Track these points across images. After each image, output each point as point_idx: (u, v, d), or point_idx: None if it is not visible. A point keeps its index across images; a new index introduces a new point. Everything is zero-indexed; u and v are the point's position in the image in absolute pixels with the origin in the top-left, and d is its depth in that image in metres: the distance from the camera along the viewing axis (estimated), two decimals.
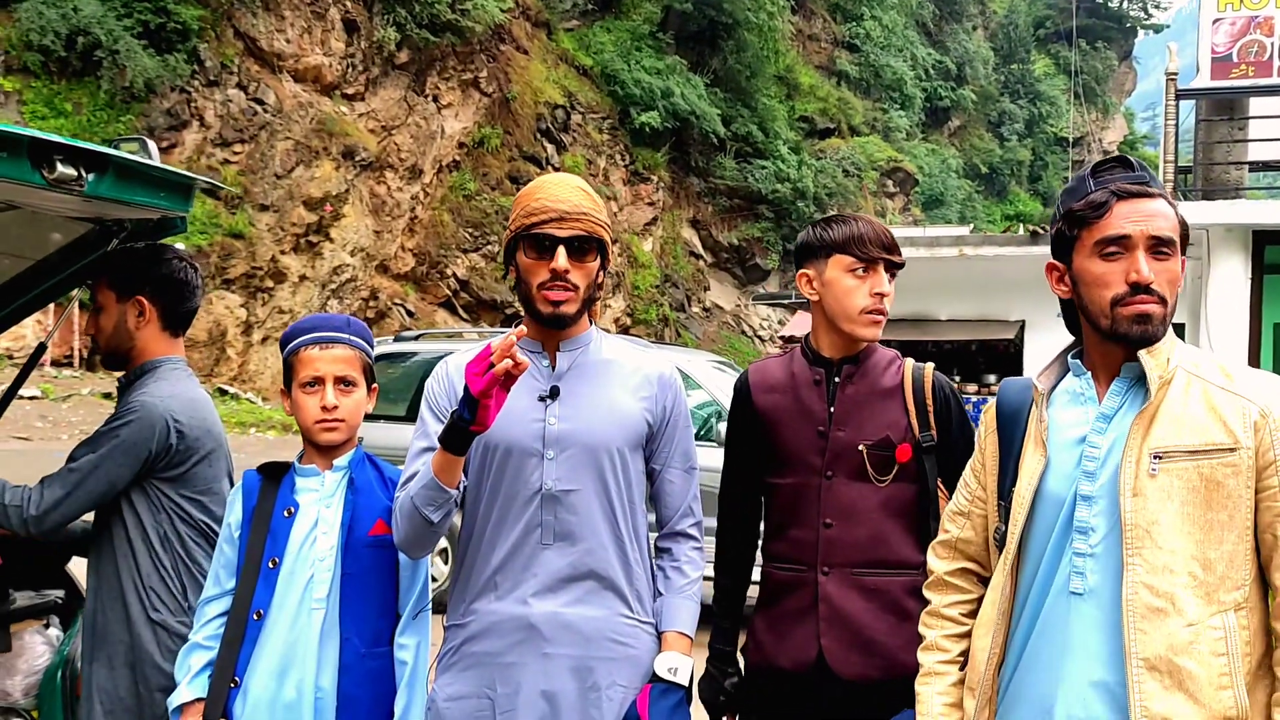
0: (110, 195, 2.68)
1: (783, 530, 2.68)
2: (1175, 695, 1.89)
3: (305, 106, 25.14)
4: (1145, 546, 1.94)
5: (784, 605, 2.65)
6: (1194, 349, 2.11)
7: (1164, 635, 1.91)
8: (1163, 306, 2.02)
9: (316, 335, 2.63)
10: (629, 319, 31.59)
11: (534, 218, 2.38)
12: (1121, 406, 2.06)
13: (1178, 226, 2.05)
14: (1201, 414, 1.97)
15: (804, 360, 2.72)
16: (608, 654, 2.40)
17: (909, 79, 47.32)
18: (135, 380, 2.96)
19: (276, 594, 2.54)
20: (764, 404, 2.71)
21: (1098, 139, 57.67)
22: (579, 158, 31.67)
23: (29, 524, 2.75)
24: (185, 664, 2.59)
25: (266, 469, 2.69)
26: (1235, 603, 1.93)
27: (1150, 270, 2.00)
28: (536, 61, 31.64)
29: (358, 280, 26.15)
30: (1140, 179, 2.05)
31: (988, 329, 21.01)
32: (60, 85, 22.01)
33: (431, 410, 2.49)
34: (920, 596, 2.47)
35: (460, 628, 2.45)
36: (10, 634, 3.14)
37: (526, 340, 2.50)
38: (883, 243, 2.63)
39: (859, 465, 2.60)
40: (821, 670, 2.58)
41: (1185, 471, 1.94)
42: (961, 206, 46.19)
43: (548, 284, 2.39)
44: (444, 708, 2.42)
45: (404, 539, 2.41)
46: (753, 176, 35.38)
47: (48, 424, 17.59)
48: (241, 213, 23.52)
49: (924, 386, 2.70)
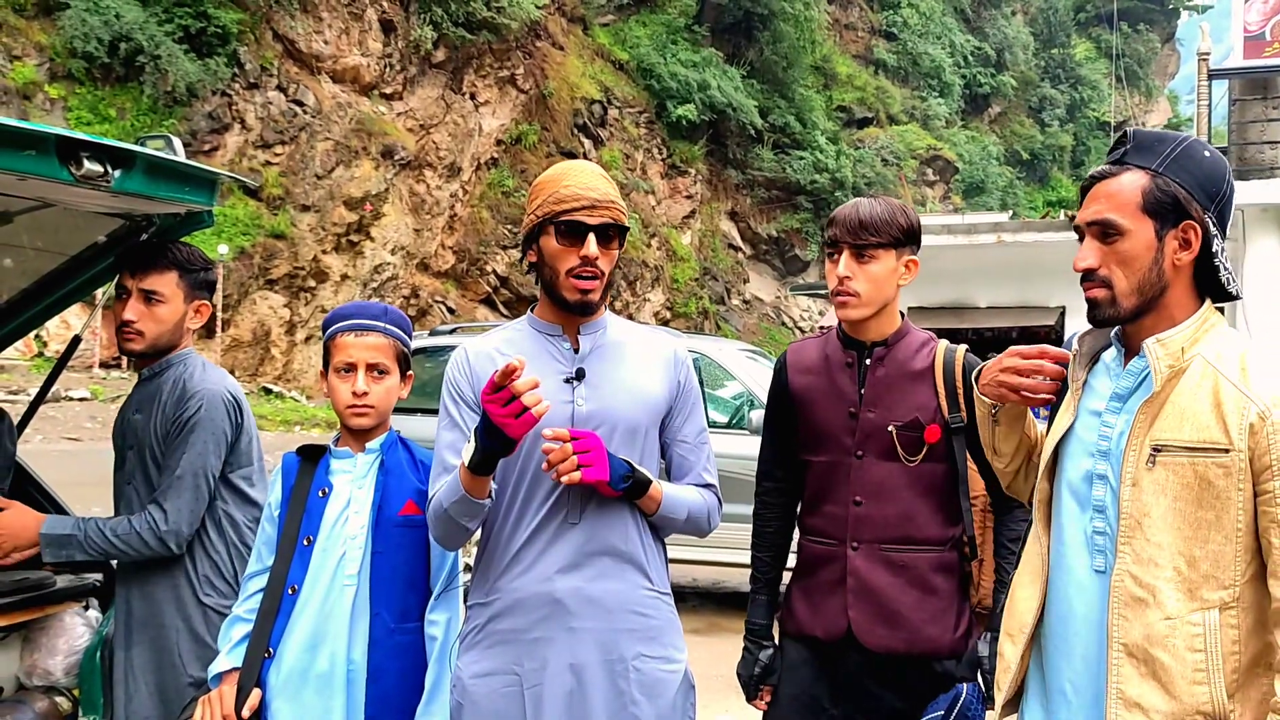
0: (137, 190, 2.77)
1: (817, 505, 2.73)
2: (1149, 683, 1.92)
3: (344, 107, 25.40)
4: (1135, 537, 1.96)
5: (818, 577, 2.70)
6: (1230, 337, 2.03)
7: (1143, 625, 1.93)
8: (1108, 290, 2.00)
9: (352, 322, 2.71)
10: (669, 312, 31.64)
11: (564, 204, 2.42)
12: (1135, 389, 2.04)
13: (1132, 202, 1.98)
14: (1206, 409, 1.93)
15: (838, 343, 2.77)
16: (630, 625, 2.44)
17: (947, 66, 47.02)
18: (163, 372, 3.05)
19: (310, 570, 2.63)
20: (799, 384, 2.77)
21: (1141, 123, 56.95)
22: (616, 152, 31.74)
23: (167, 541, 2.87)
24: (227, 634, 2.69)
25: (305, 450, 2.78)
26: (1221, 601, 1.91)
27: (1093, 256, 2.01)
28: (572, 57, 31.75)
29: (399, 278, 26.38)
30: (1113, 158, 2.05)
31: (1028, 315, 20.82)
32: (104, 91, 22.38)
33: (454, 399, 2.52)
34: (949, 573, 2.60)
35: (485, 606, 2.48)
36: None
37: (542, 323, 2.55)
38: (847, 225, 2.65)
39: (889, 445, 2.64)
40: (850, 641, 2.64)
41: (1181, 467, 1.93)
42: (1003, 193, 45.80)
43: (577, 270, 2.42)
44: (470, 685, 2.45)
45: (440, 538, 2.49)
46: (791, 167, 35.33)
47: (97, 424, 17.92)
48: (283, 213, 23.81)
49: (954, 369, 2.70)
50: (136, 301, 2.98)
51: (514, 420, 2.17)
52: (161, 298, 3.00)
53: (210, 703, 2.60)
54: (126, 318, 2.98)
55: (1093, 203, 2.02)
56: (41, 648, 3.21)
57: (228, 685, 2.61)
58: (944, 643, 2.63)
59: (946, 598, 2.65)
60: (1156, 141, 2.03)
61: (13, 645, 3.22)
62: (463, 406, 2.50)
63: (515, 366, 2.14)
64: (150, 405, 3.00)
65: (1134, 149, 2.02)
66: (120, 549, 2.89)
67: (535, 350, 2.51)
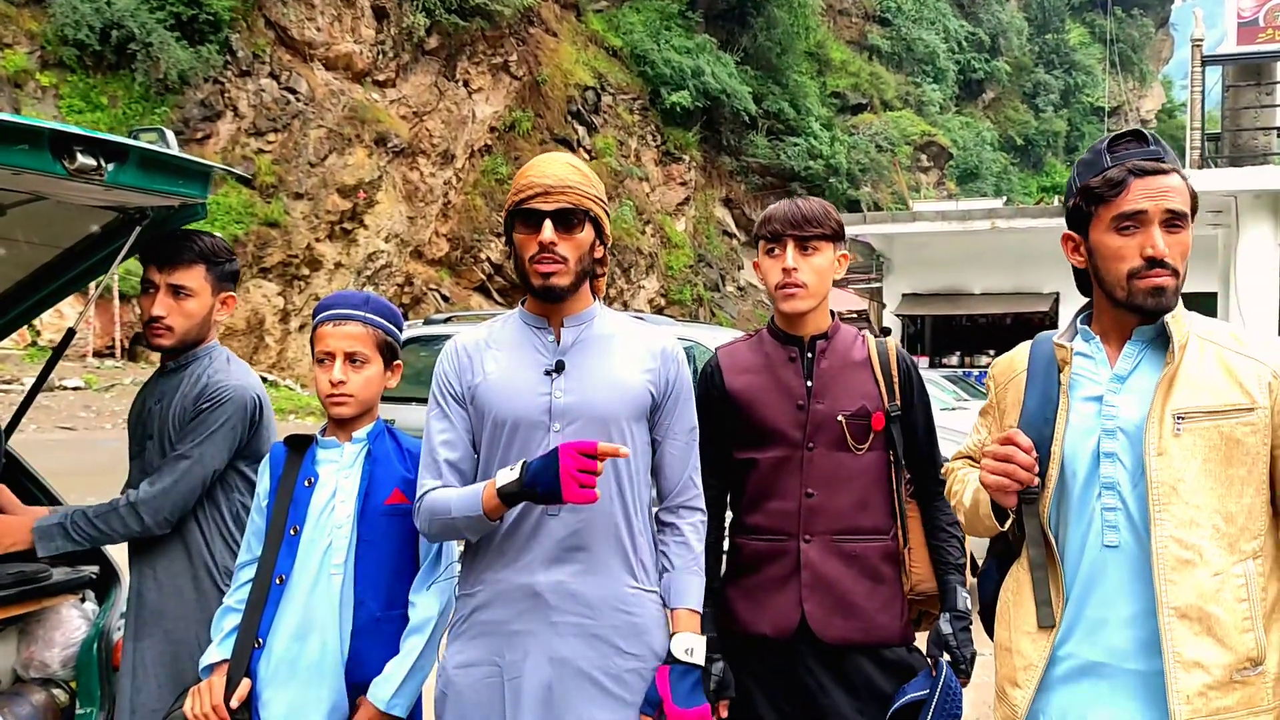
0: (130, 184, 2.78)
1: (761, 502, 2.76)
2: (1204, 640, 2.03)
3: (337, 94, 25.32)
4: (1172, 502, 2.07)
5: (763, 574, 2.73)
6: (1203, 317, 2.23)
7: (1193, 585, 2.04)
8: (1175, 278, 2.14)
9: (332, 312, 2.74)
10: (663, 299, 31.61)
11: (521, 193, 2.47)
12: (1135, 369, 2.18)
13: (1189, 199, 2.15)
14: (1218, 376, 2.10)
15: (774, 340, 2.82)
16: (613, 622, 2.46)
17: (941, 52, 46.93)
18: (188, 365, 3.05)
19: (298, 560, 2.66)
20: (739, 384, 2.79)
21: (1135, 108, 56.95)
22: (610, 139, 31.68)
23: (143, 516, 2.87)
24: (219, 625, 2.72)
25: (292, 441, 2.80)
26: (1254, 551, 2.07)
27: (1164, 244, 2.11)
28: (566, 44, 31.65)
29: (392, 266, 26.34)
30: (1155, 154, 2.15)
31: (1022, 301, 20.93)
32: (95, 79, 22.28)
33: (443, 391, 2.56)
34: (892, 562, 2.70)
35: (470, 597, 2.52)
36: None
37: (529, 315, 2.58)
38: (790, 219, 2.72)
39: (839, 435, 2.70)
40: (803, 635, 2.67)
41: (1206, 431, 2.07)
42: (997, 180, 45.78)
43: (537, 256, 2.46)
44: (454, 674, 2.49)
45: (431, 535, 2.52)
46: (785, 154, 35.27)
47: (91, 414, 17.90)
48: (276, 201, 23.74)
49: (889, 359, 2.80)
50: (165, 296, 3.00)
51: (578, 488, 2.22)
52: (190, 292, 3.03)
53: (200, 694, 2.62)
54: (155, 313, 2.99)
55: (1163, 194, 2.12)
56: (38, 640, 3.23)
57: (217, 676, 2.63)
58: (895, 630, 2.71)
59: (892, 586, 2.74)
60: (1170, 150, 2.19)
61: (9, 638, 3.24)
62: (450, 400, 2.55)
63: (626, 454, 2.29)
64: (171, 395, 3.01)
65: (1164, 152, 2.16)
66: (102, 529, 2.90)
67: (519, 341, 2.56)
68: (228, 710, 2.58)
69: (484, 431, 2.51)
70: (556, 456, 2.25)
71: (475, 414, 2.52)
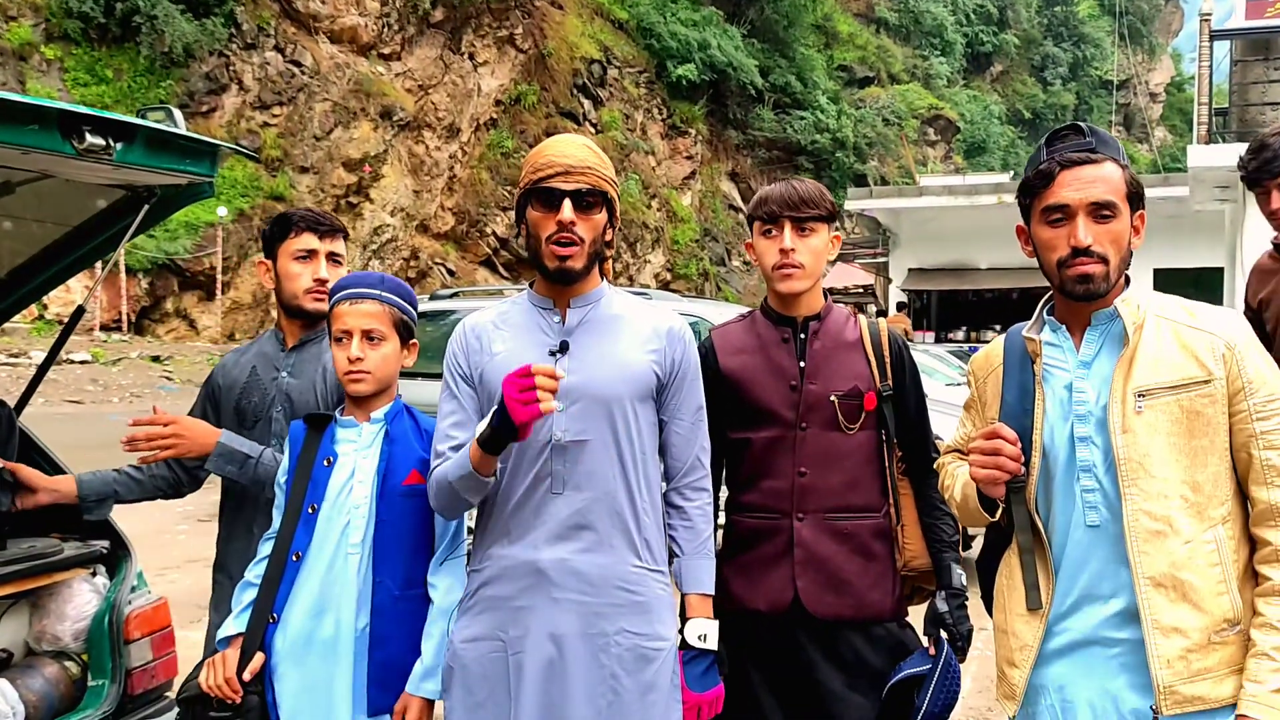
0: (138, 162, 2.80)
1: (755, 481, 2.79)
2: (1181, 606, 2.11)
3: (342, 67, 25.27)
4: (1140, 477, 2.15)
5: (757, 551, 2.77)
6: (1159, 295, 2.31)
7: (1165, 554, 2.12)
8: (1104, 265, 2.19)
9: (348, 292, 2.77)
10: (669, 274, 31.61)
11: (540, 173, 2.48)
12: (1099, 353, 2.25)
13: (1123, 188, 2.21)
14: (1175, 352, 2.17)
15: (767, 321, 2.84)
16: (615, 600, 2.47)
17: (949, 24, 46.72)
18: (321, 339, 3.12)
19: (315, 538, 2.68)
20: (732, 365, 2.82)
21: (1144, 81, 56.65)
22: (616, 112, 31.60)
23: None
24: (238, 599, 2.74)
25: (312, 420, 2.83)
26: (1222, 517, 2.14)
27: (1090, 233, 2.19)
28: (572, 16, 31.53)
29: (398, 240, 26.35)
30: (1086, 146, 2.23)
31: (1028, 276, 20.81)
32: (100, 52, 22.26)
33: (452, 373, 2.60)
34: (884, 539, 2.76)
35: (478, 573, 2.55)
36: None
37: (538, 296, 2.60)
38: (786, 201, 2.74)
39: (831, 415, 2.73)
40: (796, 611, 2.71)
41: (1168, 406, 2.15)
42: (1004, 153, 45.63)
43: (554, 236, 2.47)
44: (461, 649, 2.52)
45: (440, 509, 2.56)
46: (791, 128, 35.19)
47: (98, 387, 17.98)
48: (282, 175, 23.75)
49: (880, 339, 2.83)
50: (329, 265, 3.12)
51: (521, 406, 2.24)
52: (341, 260, 3.16)
53: (215, 665, 2.65)
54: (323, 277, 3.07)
55: (1087, 184, 2.21)
56: (50, 614, 3.27)
57: (232, 649, 2.66)
58: (886, 607, 2.75)
59: (884, 563, 2.77)
60: (1111, 140, 2.27)
61: (22, 612, 3.27)
62: (459, 380, 2.58)
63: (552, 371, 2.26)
64: (309, 370, 3.07)
65: (1100, 143, 2.24)
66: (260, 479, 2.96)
67: (526, 323, 2.58)
68: (240, 683, 2.62)
69: (488, 409, 2.50)
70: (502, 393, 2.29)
71: (484, 394, 2.54)
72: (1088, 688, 2.22)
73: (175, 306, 22.83)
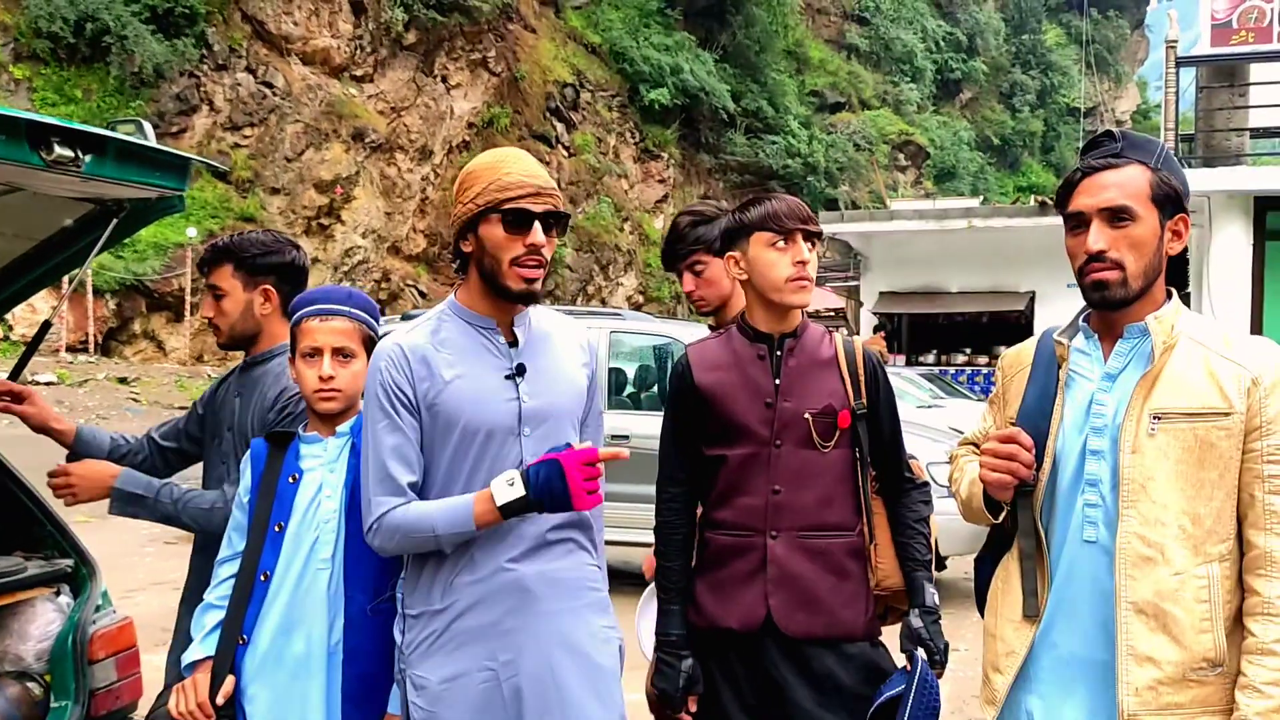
0: (108, 175, 2.77)
1: (729, 498, 2.76)
2: (1159, 637, 2.07)
3: (314, 89, 25.21)
4: (1140, 500, 2.11)
5: (730, 569, 2.74)
6: (1200, 317, 2.26)
7: (1152, 582, 2.09)
8: (1119, 271, 2.15)
9: (317, 307, 2.72)
10: (641, 296, 31.64)
11: (509, 191, 2.38)
12: (1125, 367, 2.21)
13: (1145, 190, 2.16)
14: (1201, 379, 2.12)
15: (744, 338, 2.82)
16: (588, 601, 2.52)
17: (919, 51, 47.13)
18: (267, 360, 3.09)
19: (283, 556, 2.64)
20: (708, 381, 2.79)
21: (1110, 109, 57.34)
22: (589, 136, 31.66)
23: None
24: (200, 623, 2.69)
25: (274, 437, 2.79)
26: (1220, 555, 2.09)
27: (1101, 239, 2.15)
28: (545, 40, 31.60)
29: (370, 262, 26.25)
30: (1109, 152, 2.20)
31: (999, 300, 21.03)
32: (70, 72, 22.11)
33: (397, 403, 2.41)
34: (857, 557, 2.73)
35: (441, 612, 2.42)
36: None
37: (476, 316, 2.50)
38: (798, 215, 2.73)
39: (805, 433, 2.71)
40: (768, 629, 2.69)
41: (1181, 433, 2.10)
42: (974, 179, 46.01)
43: (522, 259, 2.39)
44: (442, 690, 2.39)
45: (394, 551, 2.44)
46: (763, 152, 35.35)
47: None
48: (253, 196, 23.63)
49: (855, 357, 2.82)
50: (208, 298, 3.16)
51: (586, 495, 2.25)
52: (222, 290, 3.13)
53: (184, 691, 2.60)
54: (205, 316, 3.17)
55: (1100, 190, 2.17)
56: (13, 633, 3.21)
57: (201, 674, 2.62)
58: (859, 625, 2.73)
59: (857, 582, 2.75)
60: (1146, 142, 2.22)
61: None
62: (400, 410, 2.41)
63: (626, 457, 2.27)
64: (251, 392, 3.05)
65: (1129, 145, 2.20)
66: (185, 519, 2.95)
67: (469, 345, 2.47)
68: (213, 707, 2.57)
69: (449, 440, 2.42)
70: (559, 468, 2.25)
71: (437, 423, 2.41)
72: (1066, 705, 2.20)
73: (143, 328, 22.63)
